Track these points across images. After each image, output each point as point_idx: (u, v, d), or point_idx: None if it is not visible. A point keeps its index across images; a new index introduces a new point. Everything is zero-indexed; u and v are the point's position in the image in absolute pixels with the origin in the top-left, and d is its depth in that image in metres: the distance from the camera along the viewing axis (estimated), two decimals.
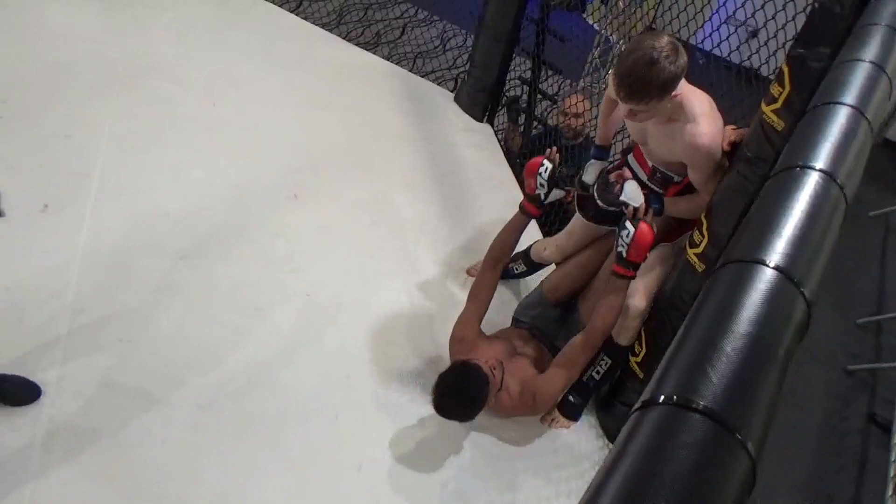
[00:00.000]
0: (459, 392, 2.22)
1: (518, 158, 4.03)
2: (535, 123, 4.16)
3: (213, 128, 3.52)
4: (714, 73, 4.36)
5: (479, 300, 2.57)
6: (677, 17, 3.37)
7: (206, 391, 2.38)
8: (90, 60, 3.64)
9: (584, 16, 7.12)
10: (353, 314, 2.80)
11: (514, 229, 2.64)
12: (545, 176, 2.54)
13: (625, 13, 6.06)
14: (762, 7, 2.74)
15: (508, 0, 3.77)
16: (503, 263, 2.68)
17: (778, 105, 1.90)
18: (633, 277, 2.32)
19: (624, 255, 2.28)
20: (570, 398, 2.61)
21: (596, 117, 3.19)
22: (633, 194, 2.35)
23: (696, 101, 2.14)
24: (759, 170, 1.96)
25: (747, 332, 0.77)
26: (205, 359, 2.48)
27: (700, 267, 2.13)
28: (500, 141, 4.09)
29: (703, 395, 0.72)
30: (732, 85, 4.11)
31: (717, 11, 3.56)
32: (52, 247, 2.70)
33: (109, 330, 2.47)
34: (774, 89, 1.93)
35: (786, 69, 1.89)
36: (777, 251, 0.88)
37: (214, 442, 2.25)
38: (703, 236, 2.12)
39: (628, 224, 2.27)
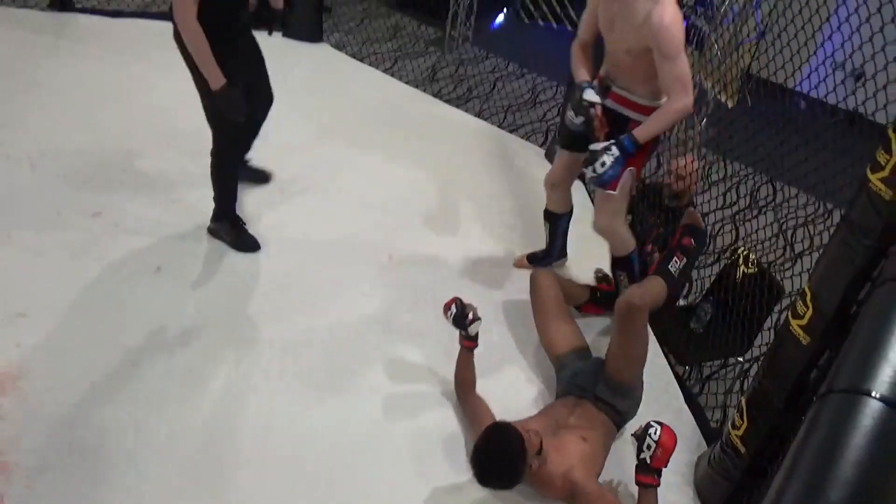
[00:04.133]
0: (494, 453, 2.20)
1: None
2: None
3: (310, 187, 3.67)
4: (816, 121, 4.22)
5: (480, 421, 2.47)
6: (776, 57, 3.27)
7: (295, 446, 2.45)
8: (200, 127, 3.88)
9: None
10: (441, 377, 2.82)
11: (464, 364, 2.63)
12: (450, 319, 2.58)
13: (720, 59, 5.96)
14: (871, 58, 2.64)
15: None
16: (474, 387, 2.63)
17: (885, 173, 1.83)
18: (658, 485, 2.19)
19: (648, 461, 2.17)
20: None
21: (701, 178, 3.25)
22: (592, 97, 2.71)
23: None
24: (865, 240, 1.88)
25: (854, 477, 0.73)
26: (295, 419, 2.56)
27: (805, 339, 2.04)
28: (591, 195, 4.07)
29: None
30: (837, 133, 3.97)
31: (818, 52, 3.42)
32: (165, 306, 2.87)
33: (213, 385, 2.60)
34: (881, 157, 1.85)
35: (893, 137, 1.82)
36: (884, 379, 0.84)
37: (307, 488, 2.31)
38: (808, 307, 2.04)
39: (652, 430, 2.17)
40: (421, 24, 6.77)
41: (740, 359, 3.49)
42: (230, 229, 3.19)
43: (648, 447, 2.16)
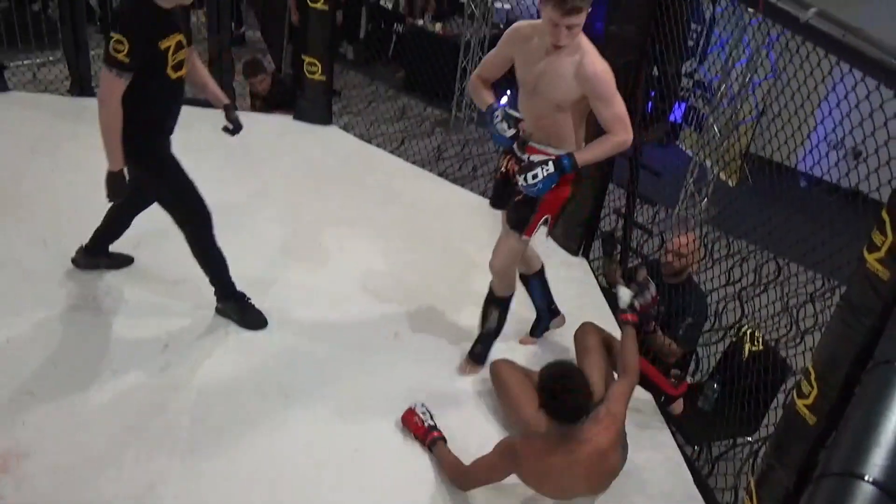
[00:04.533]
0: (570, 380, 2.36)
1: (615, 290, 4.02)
2: (630, 255, 4.17)
3: (319, 267, 3.72)
4: (817, 198, 4.28)
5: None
6: (774, 137, 3.32)
7: None
8: (211, 206, 3.97)
9: (678, 143, 7.21)
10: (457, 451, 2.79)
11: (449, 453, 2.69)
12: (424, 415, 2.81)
13: (720, 139, 6.11)
14: (872, 134, 2.69)
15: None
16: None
17: (881, 254, 1.87)
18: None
19: (637, 307, 2.97)
20: (477, 349, 3.22)
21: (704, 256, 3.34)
22: None
23: (584, 37, 2.61)
24: (865, 319, 1.90)
25: None
26: (304, 498, 2.53)
27: (811, 419, 2.04)
28: (595, 274, 4.11)
29: None
30: (838, 210, 4.02)
31: (816, 131, 3.47)
32: (171, 383, 2.88)
33: (218, 464, 2.59)
34: (876, 237, 1.89)
35: (887, 218, 1.86)
36: (876, 463, 0.85)
37: None
38: (812, 387, 2.04)
39: (652, 287, 3.05)
40: (427, 106, 6.99)
41: (749, 438, 3.45)
42: (235, 307, 3.22)
43: (644, 298, 2.87)
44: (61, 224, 3.66)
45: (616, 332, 3.08)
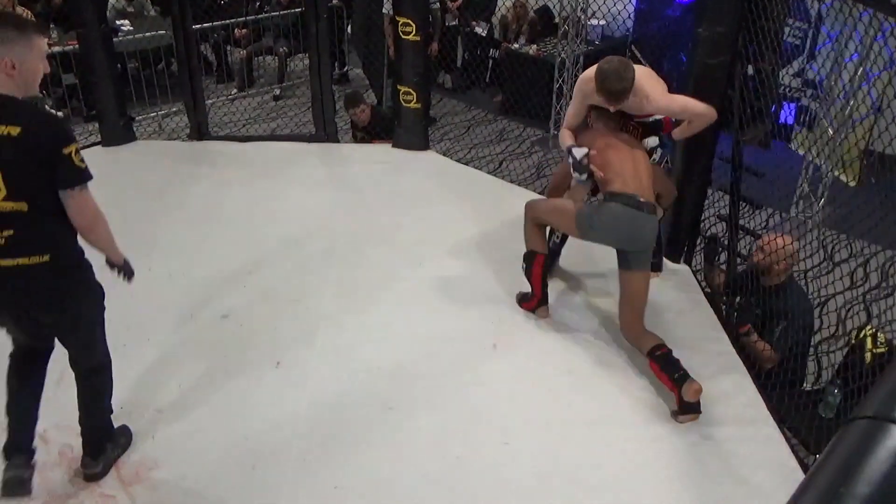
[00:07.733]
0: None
1: (723, 297, 3.88)
2: (738, 261, 4.02)
3: (420, 286, 3.82)
4: None
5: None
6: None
7: None
8: (319, 234, 4.20)
9: (791, 145, 6.90)
10: (552, 465, 2.80)
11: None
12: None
13: (835, 139, 5.79)
14: None
15: (697, 143, 3.80)
16: None
17: None
18: None
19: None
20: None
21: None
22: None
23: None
24: None
25: (867, 495, 0.71)
26: None
27: None
28: (699, 282, 3.99)
29: None
30: None
31: None
32: (282, 400, 3.05)
33: (327, 477, 2.71)
34: None
35: None
36: None
37: None
38: None
39: None
40: (526, 127, 7.06)
41: None
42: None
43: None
44: (183, 256, 3.98)
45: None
